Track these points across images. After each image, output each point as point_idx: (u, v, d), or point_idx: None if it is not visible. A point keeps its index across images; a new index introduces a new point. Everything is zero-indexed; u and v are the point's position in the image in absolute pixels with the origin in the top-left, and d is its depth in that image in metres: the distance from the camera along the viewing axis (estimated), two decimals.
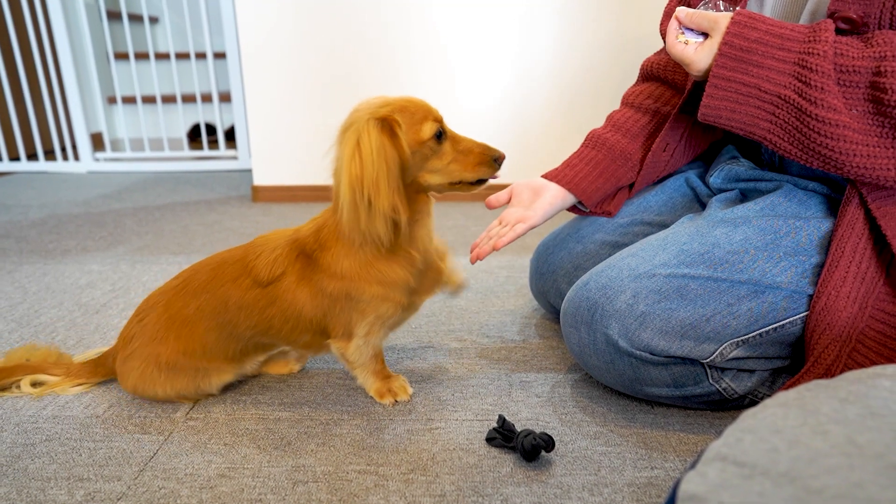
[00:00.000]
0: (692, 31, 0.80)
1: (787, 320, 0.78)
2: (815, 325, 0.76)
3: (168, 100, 3.19)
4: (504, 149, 2.20)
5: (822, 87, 0.70)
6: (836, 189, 0.82)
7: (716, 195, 0.95)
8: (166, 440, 0.83)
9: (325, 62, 2.13)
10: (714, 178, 0.96)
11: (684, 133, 0.98)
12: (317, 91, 2.17)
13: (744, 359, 0.81)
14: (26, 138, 2.98)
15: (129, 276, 1.47)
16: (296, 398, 0.93)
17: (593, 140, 1.02)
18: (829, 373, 0.74)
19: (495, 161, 0.82)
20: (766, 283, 0.78)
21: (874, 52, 0.68)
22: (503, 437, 0.80)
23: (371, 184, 0.75)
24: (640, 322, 0.79)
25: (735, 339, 0.79)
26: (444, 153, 0.81)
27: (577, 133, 2.18)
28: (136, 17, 3.50)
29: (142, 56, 3.21)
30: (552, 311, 1.18)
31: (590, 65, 2.12)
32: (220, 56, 3.32)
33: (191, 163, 2.92)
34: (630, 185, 1.03)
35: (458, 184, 0.83)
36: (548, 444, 0.76)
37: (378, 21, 2.08)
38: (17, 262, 1.59)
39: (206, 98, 3.31)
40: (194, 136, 3.49)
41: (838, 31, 0.73)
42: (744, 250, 0.79)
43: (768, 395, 0.85)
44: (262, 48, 2.12)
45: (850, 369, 0.73)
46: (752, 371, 0.84)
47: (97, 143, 3.22)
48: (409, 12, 2.06)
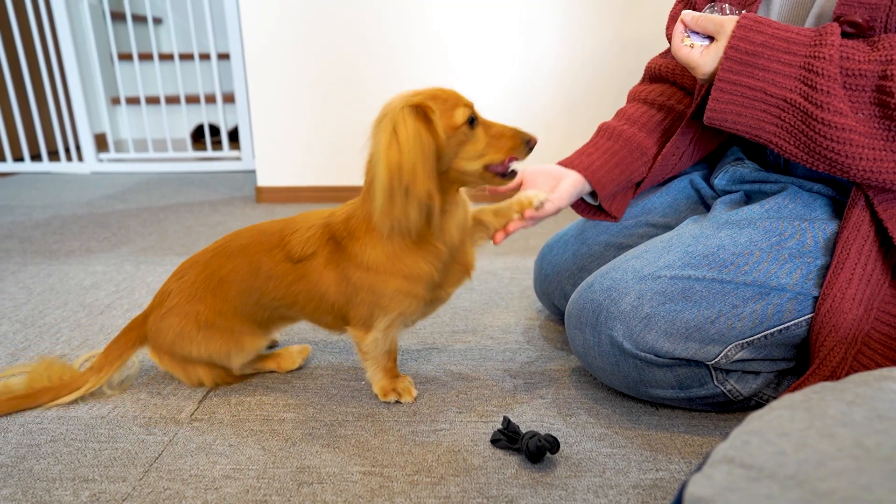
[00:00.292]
0: (698, 34, 0.80)
1: (793, 322, 0.78)
2: (820, 326, 0.76)
3: (172, 101, 3.19)
4: None
5: (828, 91, 0.69)
6: (842, 191, 0.82)
7: (720, 197, 0.95)
8: (171, 441, 0.83)
9: (329, 63, 2.14)
10: (719, 180, 0.96)
11: (694, 136, 0.98)
12: (320, 92, 2.17)
13: (749, 360, 0.81)
14: (30, 139, 2.99)
15: (134, 276, 1.47)
16: (300, 399, 0.93)
17: (608, 131, 1.00)
18: (834, 375, 0.74)
19: (527, 144, 0.82)
20: (771, 284, 0.78)
21: (880, 55, 0.68)
22: (508, 438, 0.80)
23: (409, 169, 0.75)
24: (644, 324, 0.79)
25: (740, 341, 0.79)
26: (478, 138, 0.81)
27: (579, 134, 2.18)
28: (139, 18, 3.50)
29: (145, 57, 3.22)
30: (556, 313, 1.18)
31: (592, 66, 2.12)
32: (224, 57, 3.33)
33: (194, 164, 2.93)
34: (637, 184, 1.02)
35: (489, 171, 0.82)
36: (552, 445, 0.76)
37: (380, 22, 2.08)
38: (22, 262, 1.59)
39: (210, 99, 3.31)
40: (198, 136, 3.50)
41: (844, 35, 0.73)
42: (749, 252, 0.79)
43: (773, 397, 0.85)
44: (265, 49, 2.12)
45: (856, 371, 0.73)
46: (757, 373, 0.84)
47: (101, 143, 3.22)
48: (410, 13, 2.07)
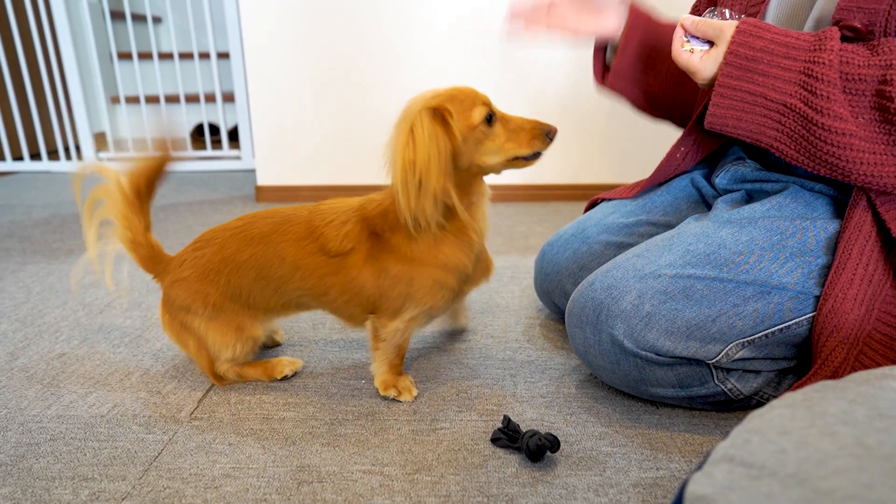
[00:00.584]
0: (698, 39, 0.80)
1: (794, 321, 0.78)
2: (822, 327, 0.76)
3: (171, 100, 3.19)
4: None
5: (827, 96, 0.70)
6: (843, 190, 0.82)
7: (721, 196, 0.95)
8: (171, 440, 0.83)
9: (329, 62, 2.13)
10: (720, 179, 0.96)
11: (697, 139, 0.98)
12: (320, 91, 2.17)
13: (749, 360, 0.81)
14: (30, 138, 2.99)
15: (133, 275, 1.47)
16: (300, 398, 0.93)
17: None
18: (836, 375, 0.74)
19: (547, 135, 0.86)
20: (772, 283, 0.78)
21: (880, 60, 0.68)
22: (508, 437, 0.80)
23: (423, 167, 0.80)
24: (645, 322, 0.79)
25: (741, 340, 0.79)
26: (497, 134, 0.85)
27: (585, 133, 2.18)
28: (139, 17, 3.50)
29: (145, 56, 3.22)
30: (556, 312, 1.18)
31: None
32: (224, 56, 3.32)
33: (194, 163, 2.92)
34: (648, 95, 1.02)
35: (514, 160, 0.87)
36: (553, 444, 0.76)
37: (380, 22, 2.08)
38: (21, 261, 1.59)
39: (210, 98, 3.30)
40: (198, 136, 3.50)
41: (843, 40, 0.73)
42: (750, 251, 0.79)
43: (774, 396, 0.85)
44: (265, 48, 2.12)
45: (857, 371, 0.73)
46: (757, 372, 0.84)
47: (100, 142, 3.22)
48: (411, 13, 2.06)
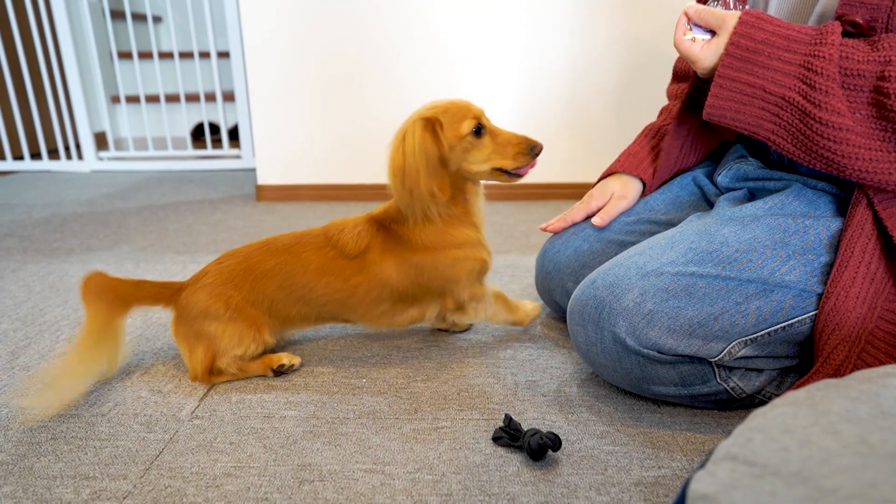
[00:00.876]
0: (700, 27, 0.80)
1: (796, 319, 0.78)
2: (824, 325, 0.75)
3: (171, 99, 3.19)
4: None
5: (825, 91, 0.70)
6: (845, 189, 0.82)
7: (724, 194, 0.95)
8: (172, 439, 0.83)
9: (329, 61, 2.13)
10: (722, 177, 0.96)
11: (691, 129, 0.98)
12: (320, 90, 2.17)
13: (752, 358, 0.81)
14: (30, 137, 2.99)
15: (134, 274, 1.47)
16: (301, 397, 0.93)
17: (654, 131, 1.08)
18: (838, 373, 0.74)
19: (532, 150, 0.93)
20: (774, 281, 0.77)
21: (879, 56, 0.68)
22: (509, 436, 0.80)
23: (412, 172, 0.89)
24: (647, 320, 0.78)
25: (743, 338, 0.78)
26: (484, 145, 0.93)
27: (586, 132, 2.18)
28: (139, 17, 3.50)
29: (145, 55, 3.22)
30: (558, 310, 1.17)
31: (597, 65, 2.11)
32: (224, 55, 3.32)
33: (194, 162, 2.92)
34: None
35: (499, 171, 0.95)
36: (554, 443, 0.76)
37: (381, 21, 2.08)
38: (22, 260, 1.59)
39: (210, 97, 3.30)
40: (198, 135, 3.50)
41: (845, 35, 0.73)
42: (752, 249, 0.79)
43: (776, 395, 0.85)
44: (265, 47, 2.12)
45: (860, 370, 0.73)
46: (760, 370, 0.84)
47: (101, 142, 3.22)
48: (412, 12, 2.06)
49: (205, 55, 3.38)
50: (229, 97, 3.24)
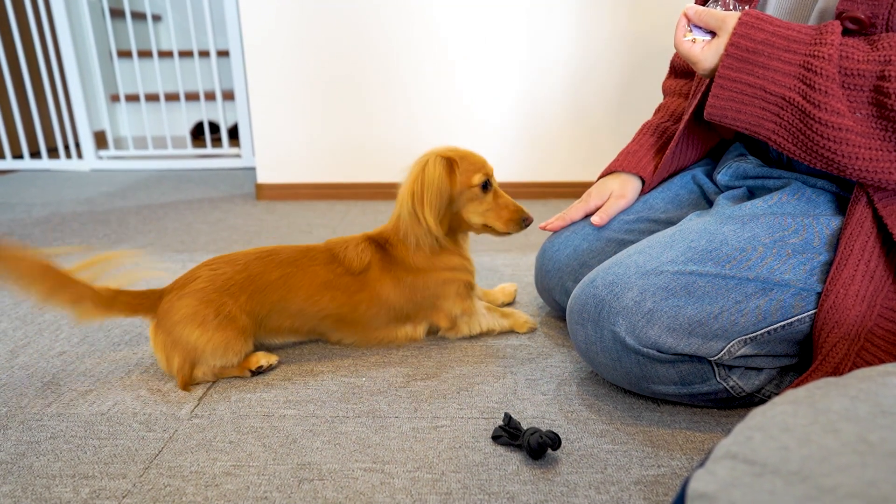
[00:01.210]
0: (700, 28, 0.80)
1: (796, 318, 0.78)
2: (823, 323, 0.75)
3: (171, 98, 3.19)
4: (514, 148, 2.19)
5: (825, 91, 0.70)
6: (845, 187, 0.82)
7: (723, 192, 0.94)
8: (171, 438, 0.83)
9: (329, 60, 2.13)
10: (721, 176, 0.96)
11: (693, 131, 0.98)
12: (320, 89, 2.16)
13: (752, 356, 0.81)
14: (29, 136, 2.98)
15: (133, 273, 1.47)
16: (301, 396, 0.93)
17: (653, 128, 1.09)
18: (837, 371, 0.74)
19: (524, 221, 1.02)
20: (774, 280, 0.77)
21: (879, 55, 0.68)
22: (509, 435, 0.80)
23: (422, 199, 0.96)
24: (647, 319, 0.78)
25: (743, 337, 0.78)
26: (485, 201, 1.01)
27: (587, 131, 2.18)
28: (139, 15, 3.50)
29: (145, 54, 3.21)
30: (557, 309, 1.17)
31: (601, 65, 2.11)
32: (224, 54, 3.32)
33: (194, 161, 2.92)
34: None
35: (489, 228, 1.04)
36: (554, 442, 0.76)
37: (380, 20, 2.07)
38: None
39: (210, 96, 3.30)
40: (197, 134, 3.49)
41: (846, 32, 0.73)
42: (752, 247, 0.79)
43: (776, 394, 0.85)
44: (265, 46, 2.12)
45: (859, 368, 0.73)
46: (759, 369, 0.84)
47: (100, 141, 3.22)
48: (412, 11, 2.06)
49: (204, 54, 3.38)
50: (229, 96, 3.24)
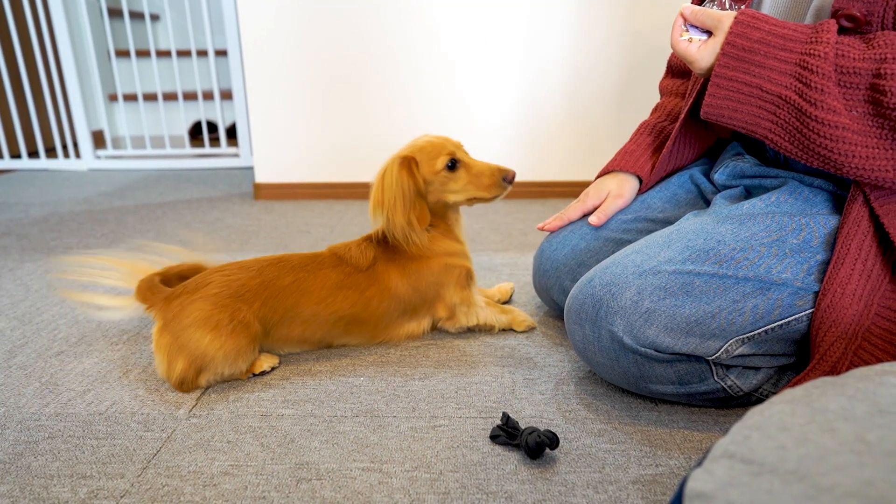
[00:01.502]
0: (697, 28, 0.80)
1: (793, 317, 0.78)
2: (820, 322, 0.76)
3: (169, 97, 3.18)
4: (513, 148, 2.19)
5: (821, 89, 0.70)
6: (842, 186, 0.82)
7: (720, 192, 0.95)
8: (169, 438, 0.83)
9: (327, 60, 2.13)
10: (719, 175, 0.96)
11: (690, 130, 0.98)
12: (318, 88, 2.16)
13: (749, 356, 0.81)
14: (27, 136, 2.98)
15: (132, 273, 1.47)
16: (299, 395, 0.93)
17: (651, 128, 1.09)
18: (834, 370, 0.74)
19: (505, 179, 1.03)
20: (771, 279, 0.77)
21: (875, 53, 0.68)
22: (507, 434, 0.80)
23: (389, 205, 0.99)
24: (645, 319, 0.78)
25: (740, 336, 0.78)
26: (459, 178, 1.03)
27: (585, 131, 2.18)
28: (137, 15, 3.49)
29: (143, 53, 3.21)
30: (555, 308, 1.17)
31: (600, 65, 2.11)
32: (222, 53, 3.32)
33: (192, 160, 2.92)
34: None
35: (475, 199, 1.05)
36: (552, 441, 0.76)
37: (380, 20, 2.07)
38: (19, 259, 1.59)
39: (208, 95, 3.30)
40: (196, 133, 3.49)
41: (842, 30, 0.73)
42: (749, 247, 0.79)
43: (773, 393, 0.85)
44: (263, 45, 2.11)
45: (856, 366, 0.73)
46: (757, 368, 0.84)
47: (98, 140, 3.21)
48: (411, 11, 2.06)
49: (202, 54, 3.38)
50: (227, 96, 3.23)
